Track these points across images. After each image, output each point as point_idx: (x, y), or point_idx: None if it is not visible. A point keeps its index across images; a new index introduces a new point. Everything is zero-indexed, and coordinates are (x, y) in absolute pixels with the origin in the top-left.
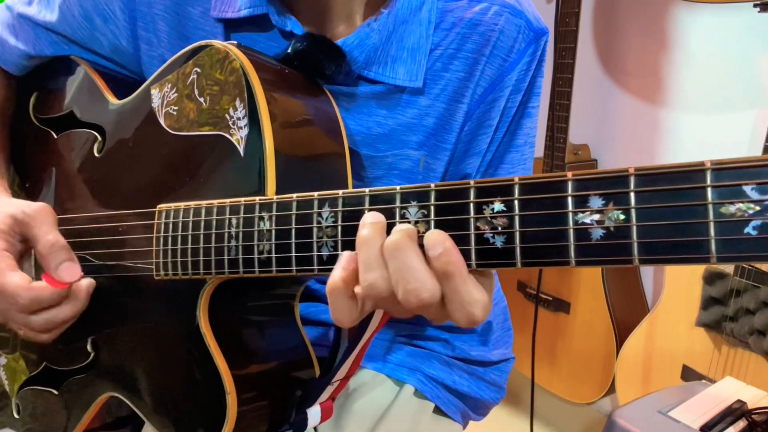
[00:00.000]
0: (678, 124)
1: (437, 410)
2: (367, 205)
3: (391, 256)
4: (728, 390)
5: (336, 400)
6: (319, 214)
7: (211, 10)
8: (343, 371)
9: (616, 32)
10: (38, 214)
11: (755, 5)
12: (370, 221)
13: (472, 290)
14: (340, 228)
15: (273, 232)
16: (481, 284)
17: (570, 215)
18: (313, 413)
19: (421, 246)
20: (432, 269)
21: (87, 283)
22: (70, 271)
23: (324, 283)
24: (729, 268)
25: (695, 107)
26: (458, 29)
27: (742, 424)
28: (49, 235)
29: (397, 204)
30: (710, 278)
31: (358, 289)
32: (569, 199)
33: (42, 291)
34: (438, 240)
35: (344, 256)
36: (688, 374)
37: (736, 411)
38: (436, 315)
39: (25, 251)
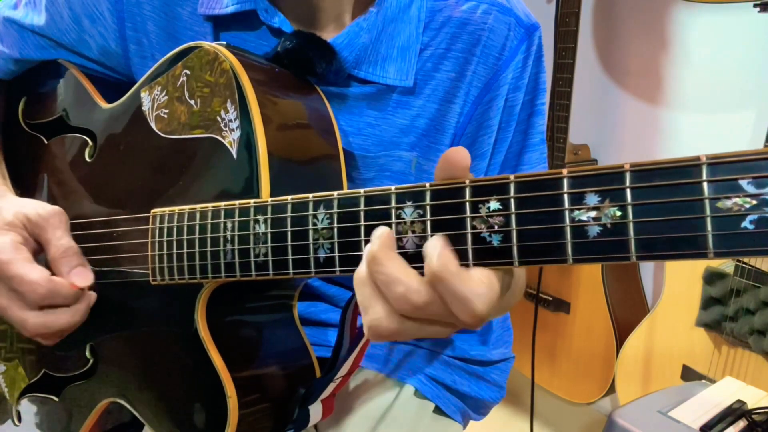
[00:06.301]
0: (678, 124)
1: (437, 410)
2: (362, 206)
3: (373, 272)
4: (728, 390)
5: (336, 400)
6: (315, 216)
7: (198, 7)
8: (345, 368)
9: (616, 32)
10: (52, 217)
11: (755, 5)
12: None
13: (463, 288)
14: (336, 230)
15: (269, 234)
16: (495, 277)
17: (566, 213)
18: (315, 410)
19: (405, 253)
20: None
21: (91, 296)
22: (82, 276)
23: (324, 281)
24: (729, 268)
25: (695, 107)
26: (447, 29)
27: (742, 424)
28: (62, 239)
29: (393, 204)
30: (710, 278)
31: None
32: (565, 197)
33: (61, 285)
34: (429, 245)
35: None
36: (688, 374)
37: (736, 411)
38: (446, 319)
39: (37, 253)
